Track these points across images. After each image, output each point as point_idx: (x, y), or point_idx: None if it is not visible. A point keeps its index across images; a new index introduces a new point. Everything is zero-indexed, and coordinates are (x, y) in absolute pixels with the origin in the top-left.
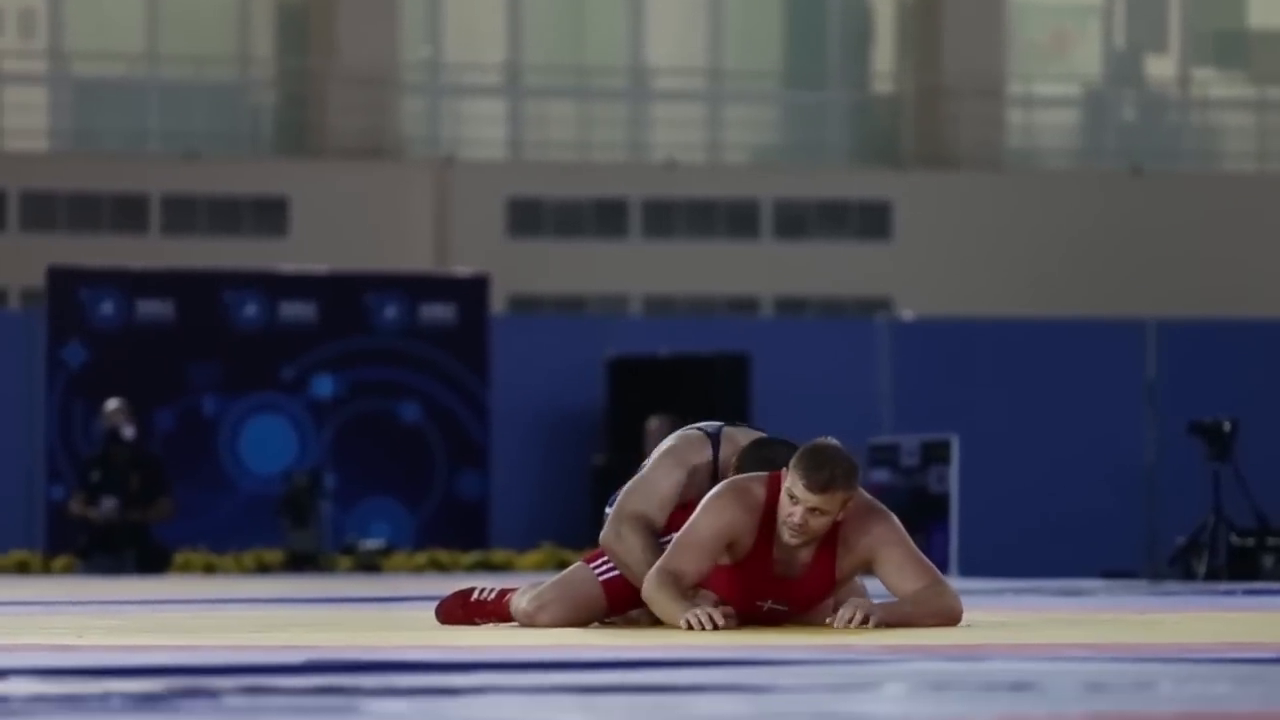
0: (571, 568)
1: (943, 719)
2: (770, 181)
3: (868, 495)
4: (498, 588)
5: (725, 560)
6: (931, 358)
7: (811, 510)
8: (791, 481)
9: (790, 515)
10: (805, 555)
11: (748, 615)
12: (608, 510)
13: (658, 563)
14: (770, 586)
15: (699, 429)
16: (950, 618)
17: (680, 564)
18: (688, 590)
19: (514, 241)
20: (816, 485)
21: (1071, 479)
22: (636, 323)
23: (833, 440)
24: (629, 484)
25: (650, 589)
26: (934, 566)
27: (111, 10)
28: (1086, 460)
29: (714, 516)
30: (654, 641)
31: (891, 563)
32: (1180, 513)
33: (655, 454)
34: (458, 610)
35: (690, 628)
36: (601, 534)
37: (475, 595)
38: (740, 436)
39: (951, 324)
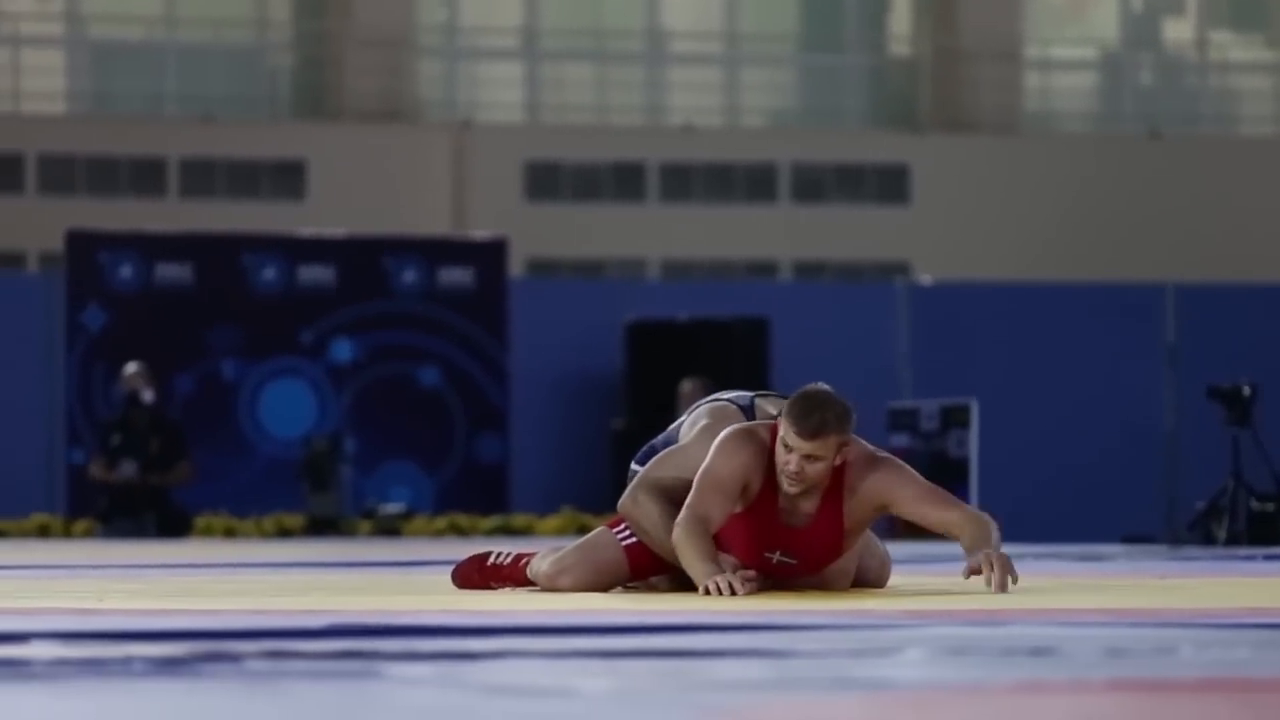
0: (594, 532)
1: (962, 684)
2: (788, 145)
3: (869, 444)
4: (514, 552)
5: (736, 507)
6: (950, 322)
7: (806, 457)
8: (784, 430)
9: (786, 464)
10: (811, 505)
11: (759, 569)
12: (634, 467)
13: (685, 508)
14: (778, 536)
15: (731, 401)
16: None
17: (706, 508)
18: (714, 547)
19: (532, 205)
20: (807, 431)
21: (1091, 444)
22: (655, 286)
23: (823, 385)
24: (662, 453)
25: (681, 536)
26: (943, 491)
27: None
28: (1106, 425)
29: (728, 458)
30: (675, 606)
31: (909, 499)
32: (1200, 477)
33: (693, 429)
34: (474, 574)
35: (709, 593)
36: (621, 499)
37: (491, 559)
38: (771, 407)
39: (970, 288)
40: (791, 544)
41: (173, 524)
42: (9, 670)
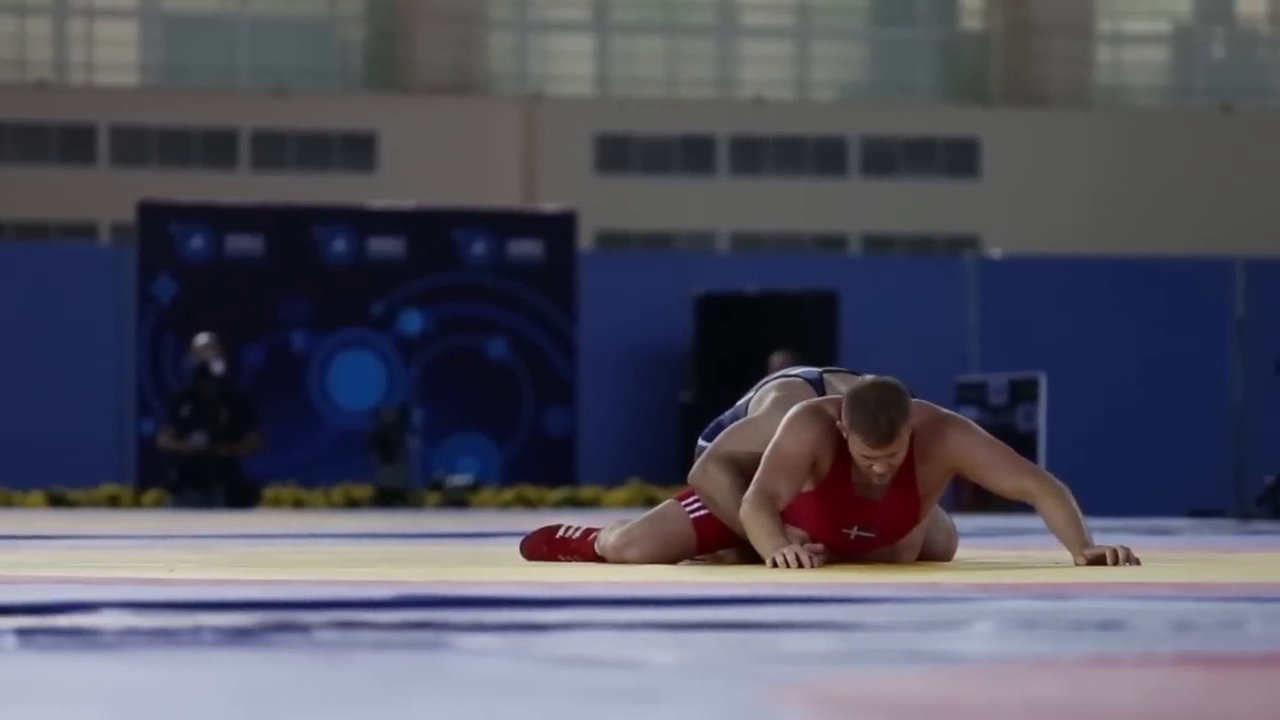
0: (662, 505)
1: (1031, 658)
2: (858, 118)
3: (928, 404)
4: (583, 526)
5: (808, 486)
6: (1019, 296)
7: (890, 456)
8: (855, 444)
9: (870, 468)
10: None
11: (836, 545)
12: (701, 443)
13: (753, 484)
14: (854, 510)
15: (800, 377)
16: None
17: (774, 484)
18: (782, 522)
19: (601, 178)
20: (881, 438)
21: (1159, 418)
22: (724, 259)
23: (867, 381)
24: (733, 426)
25: (748, 512)
26: (1014, 452)
27: None
28: (1174, 399)
29: (796, 435)
30: (743, 579)
31: (981, 464)
32: (1268, 451)
33: (763, 404)
34: (542, 547)
35: (776, 566)
36: (691, 471)
37: (560, 532)
38: (840, 383)
39: (1039, 262)
40: (869, 517)
41: (241, 495)
42: (80, 640)
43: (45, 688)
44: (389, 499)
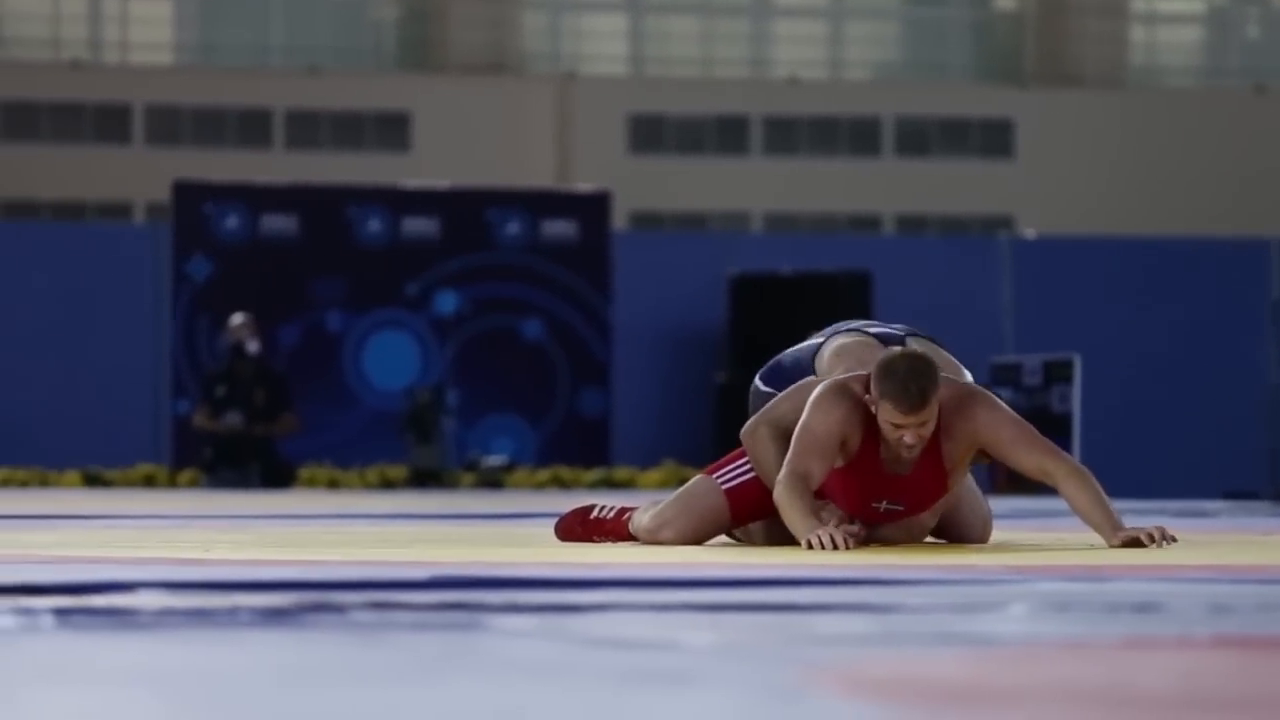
0: (692, 481)
1: (1066, 639)
2: (892, 98)
3: (955, 379)
4: (618, 506)
5: (838, 462)
6: (1054, 276)
7: (920, 425)
8: (886, 413)
9: (900, 438)
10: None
11: (865, 517)
12: (758, 384)
13: (785, 466)
14: (883, 484)
15: (876, 335)
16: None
17: (806, 464)
18: (815, 501)
19: (635, 158)
20: (914, 406)
21: (1194, 399)
22: (758, 239)
23: (895, 351)
24: (794, 387)
25: (781, 494)
26: (1038, 433)
27: None
28: (1209, 380)
29: (824, 414)
30: (778, 560)
31: (1005, 443)
32: None
33: (825, 358)
34: (576, 527)
35: (810, 547)
36: (745, 427)
37: (595, 513)
38: (919, 348)
39: (1074, 242)
40: (897, 491)
41: (277, 475)
42: (116, 619)
43: (82, 667)
44: (424, 480)
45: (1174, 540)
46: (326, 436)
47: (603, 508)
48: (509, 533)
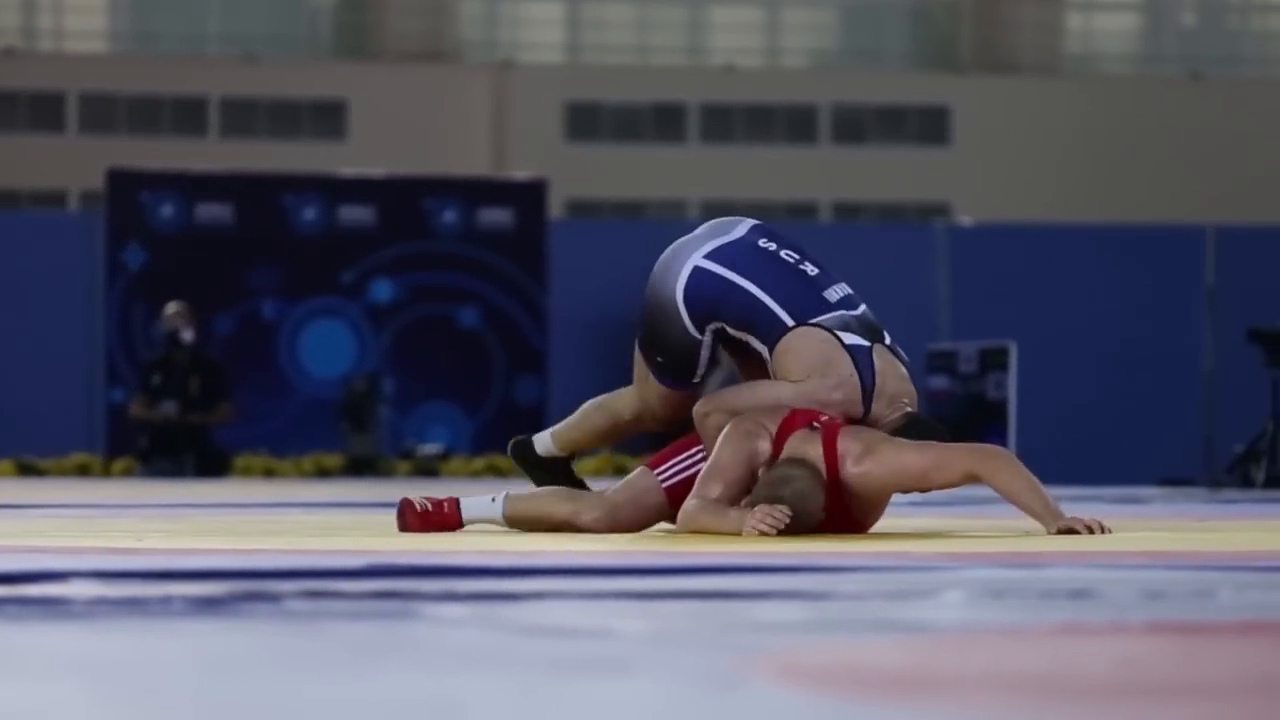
0: (636, 473)
1: (1002, 626)
2: (829, 86)
3: (858, 433)
4: (428, 498)
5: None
6: (990, 264)
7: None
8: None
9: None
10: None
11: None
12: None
13: (693, 492)
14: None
15: (849, 348)
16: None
17: (711, 493)
18: (728, 507)
19: (572, 146)
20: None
21: (1130, 386)
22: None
23: (799, 471)
24: (754, 385)
25: (697, 515)
26: (948, 446)
27: None
28: (1145, 367)
29: (735, 446)
30: (714, 548)
31: (916, 478)
32: (1238, 420)
33: (787, 361)
34: (417, 522)
35: (756, 533)
36: (698, 406)
37: (419, 508)
38: (882, 361)
39: (1010, 230)
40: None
41: (212, 464)
42: (48, 609)
43: (14, 657)
44: (359, 468)
45: (1109, 531)
46: (262, 425)
47: (419, 502)
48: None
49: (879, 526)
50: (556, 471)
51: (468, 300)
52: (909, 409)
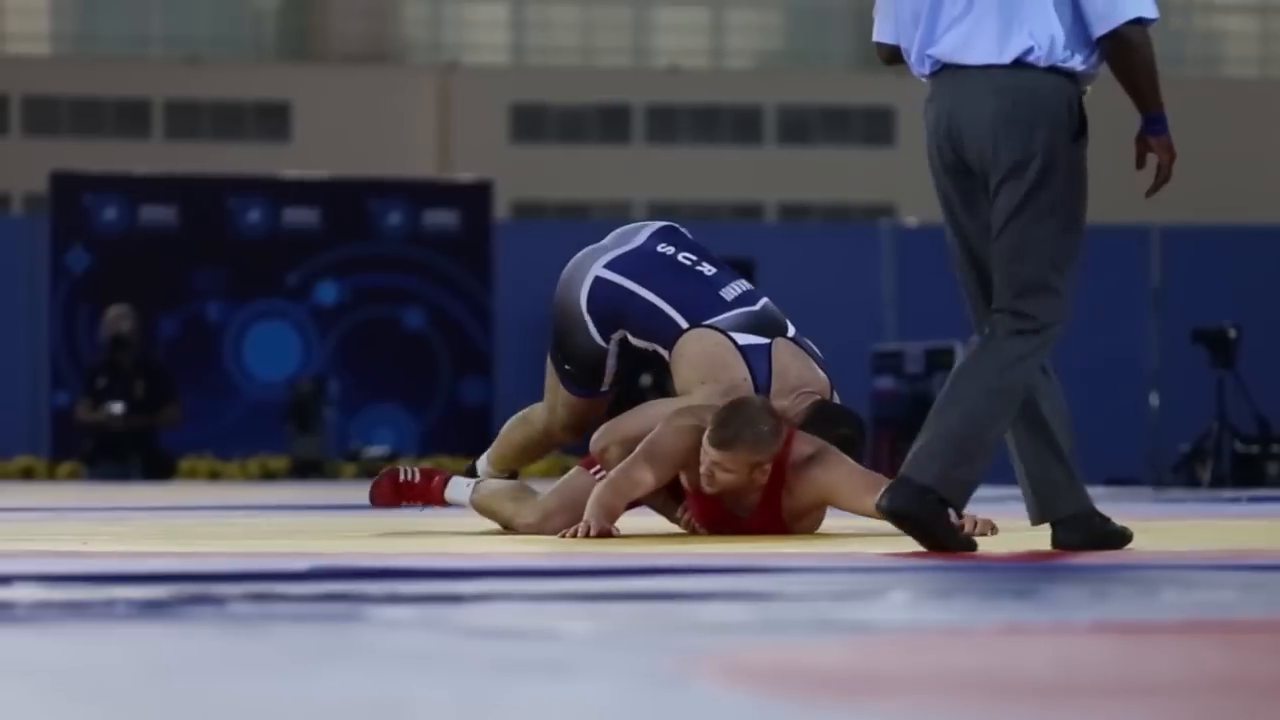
0: (571, 473)
1: (946, 626)
2: (774, 87)
3: (814, 440)
4: (421, 469)
5: (688, 487)
6: (936, 264)
7: (715, 463)
8: (705, 439)
9: (701, 463)
10: (751, 498)
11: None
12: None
13: (620, 469)
14: (725, 521)
15: (741, 348)
16: None
17: (640, 474)
18: (621, 510)
19: (517, 147)
20: (716, 440)
21: (1075, 386)
22: None
23: (757, 402)
24: (646, 406)
25: (603, 486)
26: (880, 476)
27: None
28: (1090, 367)
29: (672, 437)
30: (658, 549)
31: (845, 493)
32: (1184, 420)
33: (681, 368)
34: (390, 493)
35: (564, 535)
36: (594, 440)
37: (403, 476)
38: (787, 353)
39: None
40: (739, 530)
41: (157, 467)
42: None
43: None
44: (305, 470)
45: (995, 531)
46: (207, 428)
47: (408, 470)
48: (390, 524)
49: (824, 526)
50: None
51: (413, 302)
52: (816, 396)
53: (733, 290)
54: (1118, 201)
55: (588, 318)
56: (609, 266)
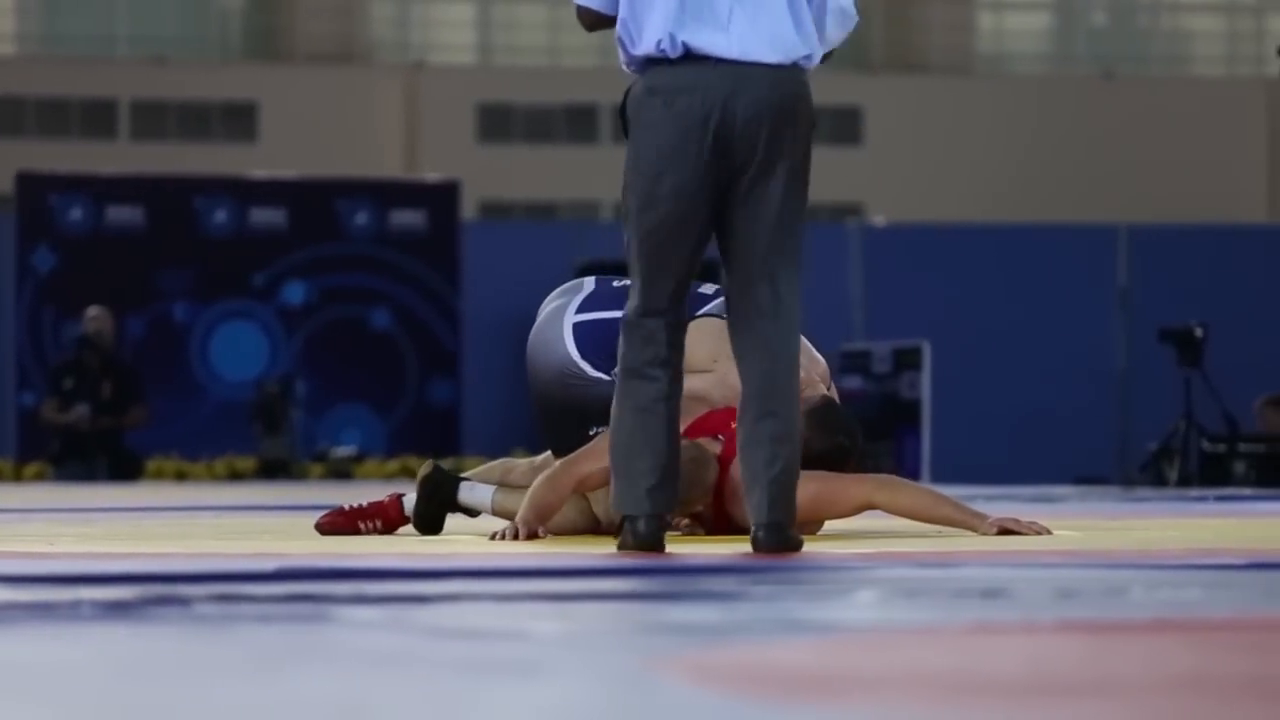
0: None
1: (914, 626)
2: None
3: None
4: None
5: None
6: (903, 263)
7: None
8: None
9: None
10: (703, 506)
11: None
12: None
13: (569, 459)
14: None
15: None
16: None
17: (589, 470)
18: (557, 508)
19: (484, 147)
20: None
21: (1043, 385)
22: (608, 228)
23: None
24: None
25: (543, 480)
26: (842, 475)
27: None
28: (1058, 366)
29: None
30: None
31: (804, 505)
32: (1152, 419)
33: None
34: (339, 519)
35: (494, 537)
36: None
37: (349, 506)
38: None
39: (923, 229)
40: (697, 522)
41: (124, 467)
42: None
43: None
44: (272, 471)
45: (1049, 533)
46: (174, 428)
47: (350, 505)
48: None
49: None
50: None
51: (380, 302)
52: (824, 390)
53: (708, 288)
54: (1086, 201)
55: (584, 365)
56: (580, 311)
